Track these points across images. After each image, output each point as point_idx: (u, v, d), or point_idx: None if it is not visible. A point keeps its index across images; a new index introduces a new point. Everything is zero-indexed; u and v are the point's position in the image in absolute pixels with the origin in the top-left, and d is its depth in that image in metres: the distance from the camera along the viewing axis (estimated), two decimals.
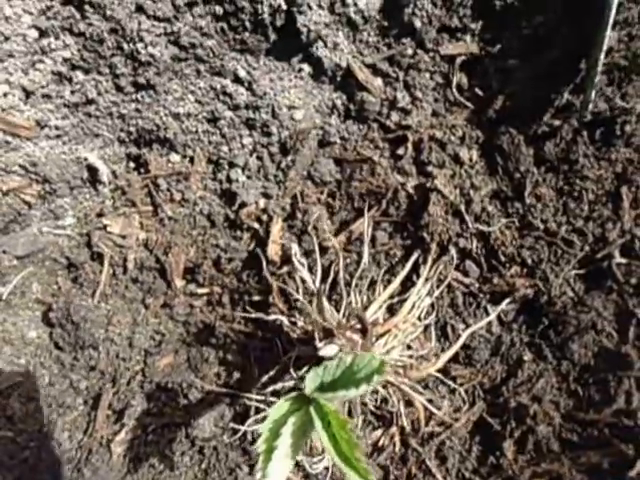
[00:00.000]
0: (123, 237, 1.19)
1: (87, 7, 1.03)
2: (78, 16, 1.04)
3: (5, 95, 1.05)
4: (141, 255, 1.19)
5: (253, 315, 1.09)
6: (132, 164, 1.21)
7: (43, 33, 1.05)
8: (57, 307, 1.13)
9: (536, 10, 1.12)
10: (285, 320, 1.06)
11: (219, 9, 1.09)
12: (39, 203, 1.13)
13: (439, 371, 1.13)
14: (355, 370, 0.70)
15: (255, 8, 1.08)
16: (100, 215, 1.20)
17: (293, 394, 0.77)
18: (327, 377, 0.74)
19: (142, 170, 1.21)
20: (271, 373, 1.10)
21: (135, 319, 1.19)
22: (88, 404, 1.15)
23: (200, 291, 1.21)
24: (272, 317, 1.07)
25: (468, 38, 1.18)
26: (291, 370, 1.05)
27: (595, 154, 1.09)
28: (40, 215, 1.15)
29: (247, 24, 1.11)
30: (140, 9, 1.06)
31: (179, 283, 1.20)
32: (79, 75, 1.08)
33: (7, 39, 1.02)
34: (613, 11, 0.99)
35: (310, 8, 1.11)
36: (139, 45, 1.06)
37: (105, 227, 1.19)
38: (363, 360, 0.70)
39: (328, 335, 0.97)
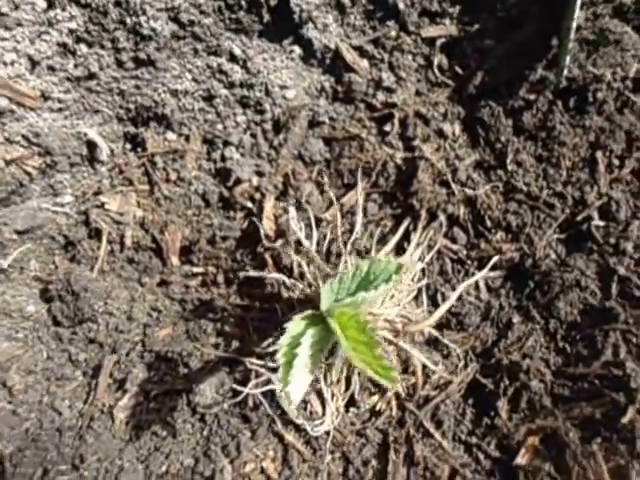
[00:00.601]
0: (121, 214, 1.19)
1: None
2: None
3: (12, 63, 1.06)
4: (138, 233, 1.20)
5: (252, 274, 1.10)
6: (129, 144, 1.23)
7: (51, 4, 1.07)
8: (57, 279, 1.12)
9: None
10: (286, 279, 1.07)
11: None
12: (39, 177, 1.13)
13: (431, 339, 1.15)
14: (372, 278, 0.71)
15: None
16: (98, 193, 1.20)
17: (308, 312, 0.77)
18: (342, 292, 0.75)
19: (139, 149, 1.22)
20: (270, 339, 1.11)
21: (133, 296, 1.17)
22: (88, 375, 1.12)
23: (195, 270, 1.21)
24: (273, 275, 1.08)
25: (447, 21, 1.25)
26: None
27: (570, 122, 1.16)
28: (40, 190, 1.14)
29: (243, 3, 1.15)
30: None
31: (175, 262, 1.20)
32: (83, 48, 1.10)
33: (17, 7, 1.04)
34: None
35: None
36: (142, 18, 1.09)
37: (103, 205, 1.19)
38: (380, 266, 0.71)
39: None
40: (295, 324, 0.74)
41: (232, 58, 1.19)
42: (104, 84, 1.14)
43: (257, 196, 1.23)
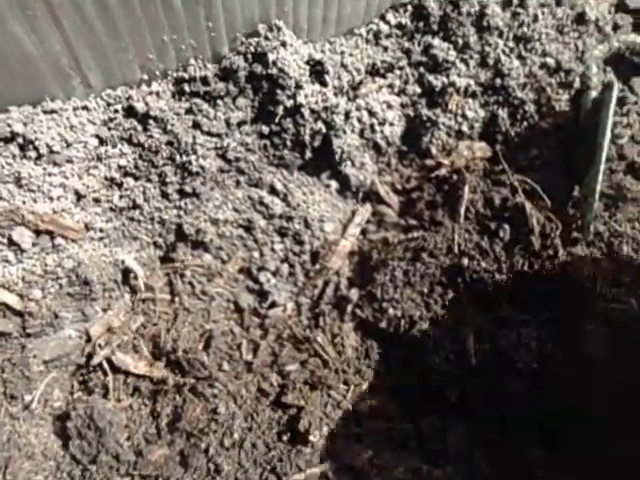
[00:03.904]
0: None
1: (150, 121, 1.02)
2: (140, 128, 1.02)
3: (59, 198, 0.99)
4: None
5: None
6: (162, 264, 1.17)
7: (102, 141, 1.02)
8: (76, 415, 1.00)
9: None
10: None
11: (265, 128, 1.11)
12: (74, 306, 1.05)
13: None
14: None
15: (298, 130, 1.11)
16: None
17: None
18: None
19: (170, 263, 1.16)
20: None
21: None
22: None
23: None
24: None
25: None
26: None
27: None
28: (71, 318, 1.06)
29: (288, 143, 1.13)
30: (197, 125, 1.05)
31: None
32: (130, 181, 1.04)
33: (69, 146, 0.98)
34: (605, 149, 1.11)
35: (345, 132, 1.15)
36: (192, 157, 1.05)
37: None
38: None
39: None
40: None
41: (273, 191, 1.16)
42: (146, 214, 1.08)
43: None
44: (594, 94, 1.19)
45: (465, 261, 1.14)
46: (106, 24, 0.91)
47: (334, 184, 1.23)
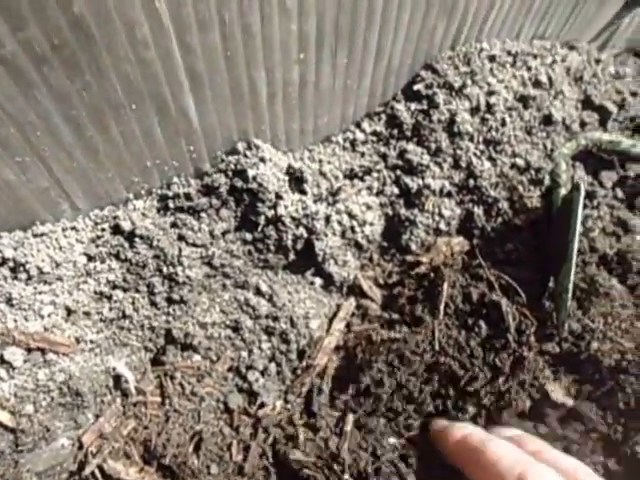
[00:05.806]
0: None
1: (136, 239, 1.04)
2: (126, 245, 1.05)
3: (49, 315, 1.00)
4: None
5: None
6: (154, 365, 1.18)
7: (91, 258, 1.04)
8: None
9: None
10: None
11: (249, 236, 1.13)
12: (66, 416, 1.06)
13: None
14: None
15: (280, 236, 1.13)
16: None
17: None
18: None
19: (159, 365, 1.17)
20: None
21: None
22: None
23: None
24: None
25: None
26: None
27: None
28: (63, 427, 1.06)
29: (271, 247, 1.14)
30: (182, 238, 1.07)
31: None
32: (119, 294, 1.06)
33: (58, 265, 1.00)
34: (575, 249, 1.12)
35: (326, 235, 1.18)
36: (178, 268, 1.07)
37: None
38: None
39: None
40: None
41: (258, 292, 1.18)
42: (136, 322, 1.09)
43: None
44: (563, 191, 1.21)
45: (445, 359, 1.14)
46: (94, 162, 0.94)
47: (318, 281, 1.24)
